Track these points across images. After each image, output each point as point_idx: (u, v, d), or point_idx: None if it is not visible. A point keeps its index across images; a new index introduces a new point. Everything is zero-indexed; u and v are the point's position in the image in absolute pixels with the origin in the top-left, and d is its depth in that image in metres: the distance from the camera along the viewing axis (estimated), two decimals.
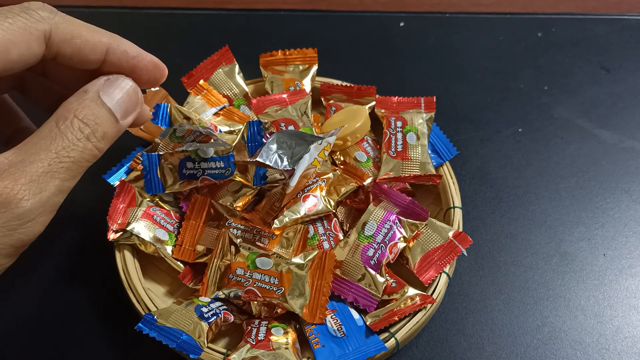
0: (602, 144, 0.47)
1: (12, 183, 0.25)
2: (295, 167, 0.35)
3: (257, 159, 0.35)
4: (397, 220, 0.37)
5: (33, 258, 0.41)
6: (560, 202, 0.44)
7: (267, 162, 0.35)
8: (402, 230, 0.37)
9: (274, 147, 0.36)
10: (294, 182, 0.35)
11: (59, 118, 0.27)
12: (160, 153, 0.38)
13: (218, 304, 0.35)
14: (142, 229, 0.37)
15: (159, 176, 0.38)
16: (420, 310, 0.35)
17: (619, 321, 0.38)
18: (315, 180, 0.39)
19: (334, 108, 0.44)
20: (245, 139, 0.38)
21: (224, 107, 0.43)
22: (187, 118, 0.39)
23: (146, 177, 0.38)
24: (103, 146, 0.29)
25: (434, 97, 0.43)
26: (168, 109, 0.39)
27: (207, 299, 0.35)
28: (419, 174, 0.40)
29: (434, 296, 0.35)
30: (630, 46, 0.55)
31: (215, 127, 0.41)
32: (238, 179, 0.38)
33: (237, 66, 0.46)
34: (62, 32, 0.29)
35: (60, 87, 0.33)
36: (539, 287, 0.39)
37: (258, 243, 0.37)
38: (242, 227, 0.38)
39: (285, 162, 0.35)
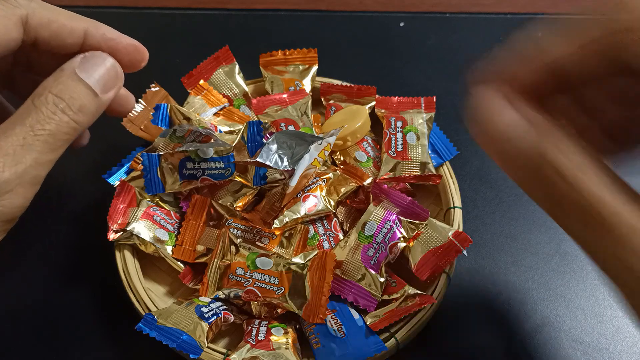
0: None
1: None
2: (295, 167, 0.35)
3: (257, 159, 0.35)
4: (397, 220, 0.37)
5: (33, 258, 0.41)
6: None
7: (267, 163, 0.35)
8: (402, 230, 0.37)
9: (274, 147, 0.36)
10: (294, 182, 0.35)
11: (34, 95, 0.28)
12: (160, 153, 0.38)
13: (218, 304, 0.35)
14: (142, 229, 0.37)
15: (159, 176, 0.38)
16: (420, 310, 0.35)
17: (619, 321, 0.38)
18: (315, 180, 0.39)
19: (334, 108, 0.44)
20: (245, 139, 0.38)
21: (224, 107, 0.43)
22: (187, 118, 0.39)
23: (146, 177, 0.38)
24: (82, 119, 0.29)
25: (434, 97, 0.43)
26: (168, 110, 0.39)
27: (207, 299, 0.35)
28: (419, 174, 0.40)
29: (434, 296, 0.35)
30: None
31: (215, 127, 0.41)
32: (238, 179, 0.38)
33: (237, 66, 0.46)
34: (38, 17, 0.29)
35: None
36: (539, 287, 0.39)
37: (258, 243, 0.37)
38: (242, 227, 0.38)
39: (285, 162, 0.35)
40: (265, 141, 0.38)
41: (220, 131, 0.41)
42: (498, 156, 0.24)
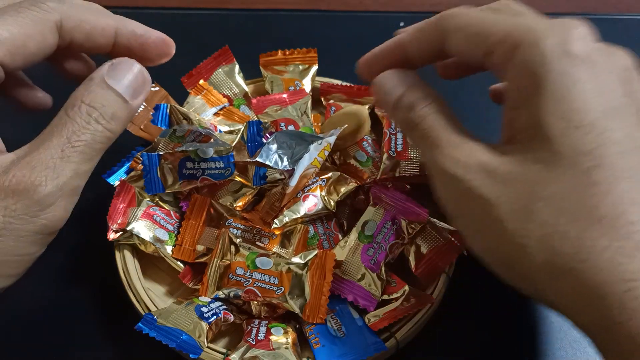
0: None
1: (29, 171, 0.27)
2: (295, 167, 0.35)
3: (257, 159, 0.35)
4: (397, 220, 0.37)
5: None
6: None
7: (267, 162, 0.35)
8: (402, 230, 0.37)
9: (274, 147, 0.36)
10: (293, 182, 0.35)
11: (67, 106, 0.28)
12: (160, 153, 0.38)
13: (218, 303, 0.35)
14: (142, 228, 0.37)
15: (159, 176, 0.38)
16: (420, 310, 0.35)
17: None
18: (315, 180, 0.39)
19: (334, 108, 0.44)
20: (245, 139, 0.38)
21: (224, 107, 0.44)
22: (187, 118, 0.39)
23: (146, 177, 0.38)
24: (115, 127, 0.29)
25: None
26: (167, 110, 0.39)
27: (207, 299, 0.35)
28: (418, 174, 0.40)
29: (434, 296, 0.35)
30: (630, 46, 0.55)
31: (215, 127, 0.41)
32: (238, 179, 0.38)
33: (237, 66, 0.46)
34: (72, 20, 0.30)
35: None
36: None
37: (258, 243, 0.37)
38: (242, 227, 0.38)
39: (285, 162, 0.35)
40: (265, 141, 0.38)
41: (220, 131, 0.41)
42: (379, 104, 0.33)
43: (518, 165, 0.25)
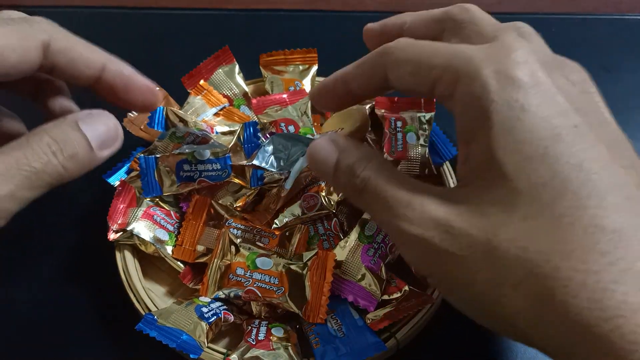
0: None
1: None
2: (291, 170, 0.35)
3: (253, 162, 0.35)
4: None
5: (33, 258, 0.41)
6: None
7: (263, 165, 0.35)
8: None
9: (270, 149, 0.36)
10: (289, 185, 0.36)
11: (30, 134, 0.28)
12: (157, 156, 0.38)
13: (218, 304, 0.35)
14: (143, 229, 0.37)
15: (156, 179, 0.38)
16: (420, 310, 0.35)
17: None
18: (314, 180, 0.39)
19: None
20: (242, 140, 0.38)
21: (224, 107, 0.44)
22: (183, 121, 0.39)
23: (143, 180, 0.38)
24: (70, 166, 0.28)
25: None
26: (164, 113, 0.39)
27: (207, 299, 0.35)
28: (418, 174, 0.40)
29: (434, 296, 0.35)
30: (630, 46, 0.55)
31: (212, 128, 0.41)
32: (235, 180, 0.38)
33: (237, 66, 0.46)
34: (59, 44, 0.30)
35: None
36: None
37: (258, 243, 0.37)
38: (242, 227, 0.38)
39: (281, 164, 0.36)
40: (264, 140, 0.38)
41: (216, 132, 0.41)
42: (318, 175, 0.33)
43: (475, 213, 0.24)
